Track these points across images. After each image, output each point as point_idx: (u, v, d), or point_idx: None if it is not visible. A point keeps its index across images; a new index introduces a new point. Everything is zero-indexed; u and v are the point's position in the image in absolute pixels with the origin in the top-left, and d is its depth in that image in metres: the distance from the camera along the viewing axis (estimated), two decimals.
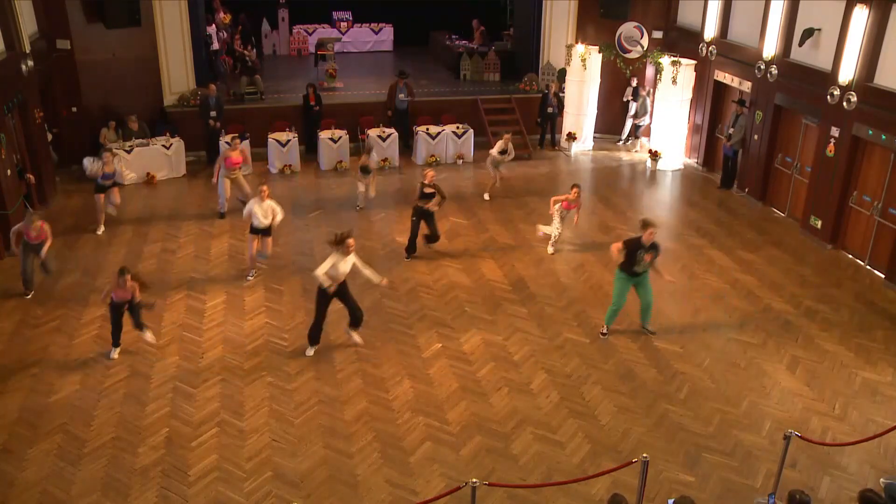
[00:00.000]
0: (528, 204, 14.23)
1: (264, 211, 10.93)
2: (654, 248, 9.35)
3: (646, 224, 9.28)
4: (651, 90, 17.34)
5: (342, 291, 9.17)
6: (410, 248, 11.99)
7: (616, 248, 9.47)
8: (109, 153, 12.78)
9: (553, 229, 12.12)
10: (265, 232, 11.17)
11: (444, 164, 16.38)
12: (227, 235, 12.66)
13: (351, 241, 8.93)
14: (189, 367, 9.07)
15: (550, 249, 12.24)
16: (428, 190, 11.58)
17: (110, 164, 12.48)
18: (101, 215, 12.72)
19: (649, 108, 17.20)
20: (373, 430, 8.02)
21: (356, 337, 9.54)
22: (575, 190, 11.79)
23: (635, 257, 9.32)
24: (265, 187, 11.04)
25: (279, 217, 11.16)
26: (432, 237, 12.04)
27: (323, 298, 9.11)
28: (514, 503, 7.09)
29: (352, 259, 9.02)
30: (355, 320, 9.41)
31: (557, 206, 11.89)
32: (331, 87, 18.07)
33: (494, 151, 14.35)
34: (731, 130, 14.85)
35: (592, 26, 17.51)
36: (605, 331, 9.91)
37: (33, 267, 10.61)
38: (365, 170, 13.59)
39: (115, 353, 9.27)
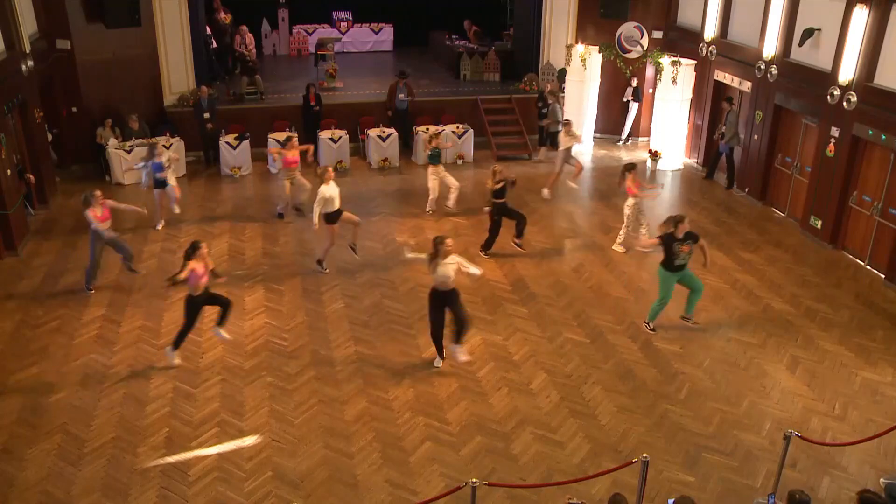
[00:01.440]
0: (529, 204, 14.22)
1: (333, 192, 10.82)
2: (689, 238, 9.51)
3: (677, 221, 9.51)
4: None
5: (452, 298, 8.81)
6: (487, 246, 12.08)
7: (650, 244, 9.82)
8: (158, 146, 12.82)
9: (624, 228, 12.31)
10: (339, 215, 11.03)
11: (445, 164, 16.33)
12: (227, 235, 12.66)
13: (448, 241, 8.66)
14: (189, 367, 9.07)
15: (620, 248, 12.32)
16: (499, 186, 11.65)
17: (162, 153, 12.61)
18: (159, 211, 12.89)
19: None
20: (373, 430, 8.02)
21: (460, 354, 9.00)
22: (630, 174, 11.96)
23: (672, 251, 9.49)
24: (330, 169, 11.02)
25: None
26: (520, 226, 12.11)
27: (435, 302, 8.79)
28: (514, 503, 7.09)
29: (452, 260, 8.69)
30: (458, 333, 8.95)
31: (631, 200, 12.04)
32: (331, 87, 18.07)
33: (566, 143, 14.23)
34: (723, 128, 14.95)
35: (592, 26, 17.50)
36: (651, 326, 9.99)
37: (100, 258, 10.64)
38: (435, 157, 13.19)
39: (177, 359, 9.02)
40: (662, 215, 14.04)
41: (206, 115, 15.38)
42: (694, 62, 16.07)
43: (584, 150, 17.50)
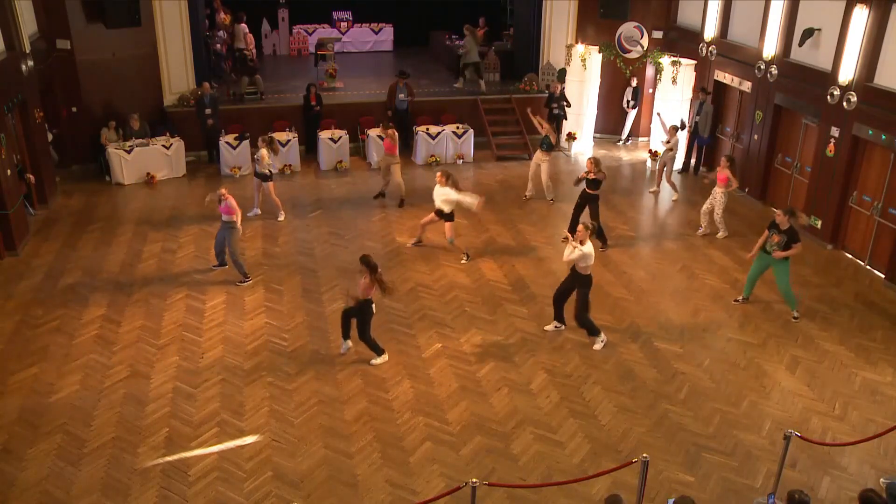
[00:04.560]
0: (529, 203, 14.23)
1: (438, 196, 11.62)
2: (781, 232, 9.89)
3: (792, 213, 10.01)
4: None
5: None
6: (572, 230, 12.34)
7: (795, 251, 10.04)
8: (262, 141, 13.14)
9: (719, 216, 12.74)
10: (443, 216, 11.68)
11: (445, 164, 16.38)
12: None
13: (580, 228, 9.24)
14: (189, 367, 9.07)
15: (723, 234, 12.88)
16: (592, 176, 11.96)
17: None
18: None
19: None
20: (373, 430, 8.02)
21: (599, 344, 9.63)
22: (723, 160, 12.48)
23: (769, 234, 10.05)
24: (440, 174, 11.60)
25: (454, 198, 11.49)
26: (598, 232, 12.28)
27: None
28: (514, 503, 7.09)
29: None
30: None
31: (723, 189, 12.50)
32: (331, 87, 18.07)
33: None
34: (697, 118, 15.11)
35: (592, 26, 17.51)
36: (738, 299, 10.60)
37: (222, 247, 11.19)
38: (548, 145, 13.83)
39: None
40: (661, 215, 14.10)
41: (209, 112, 15.40)
42: (694, 62, 16.07)
43: (585, 150, 17.52)
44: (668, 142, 14.36)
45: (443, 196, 11.55)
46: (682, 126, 14.25)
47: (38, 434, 7.88)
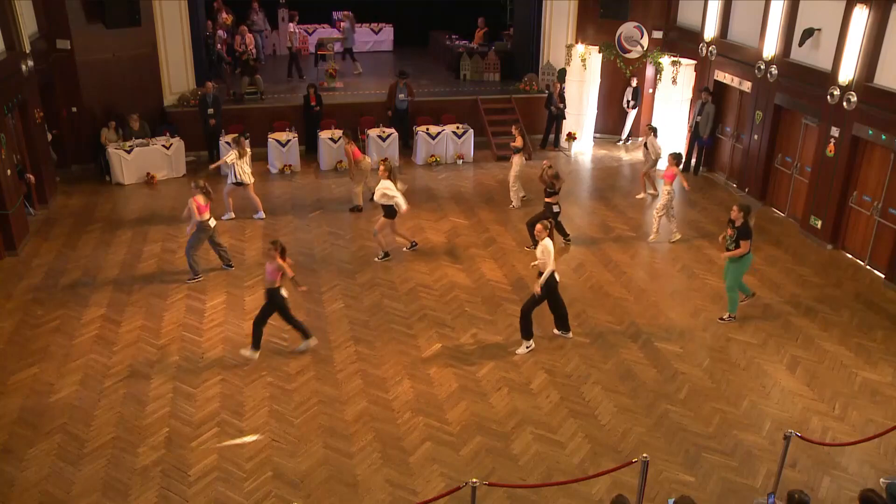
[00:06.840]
0: (529, 204, 14.22)
1: (378, 188, 11.47)
2: (735, 227, 9.84)
3: (747, 210, 9.92)
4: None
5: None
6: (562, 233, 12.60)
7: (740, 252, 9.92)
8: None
9: (657, 217, 12.62)
10: (384, 210, 11.64)
11: (445, 164, 16.38)
12: (227, 235, 12.65)
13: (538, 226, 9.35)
14: (189, 367, 9.07)
15: (654, 238, 12.67)
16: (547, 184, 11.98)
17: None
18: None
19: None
20: (373, 430, 8.02)
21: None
22: (669, 158, 12.50)
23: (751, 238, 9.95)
24: (382, 167, 11.56)
25: (390, 194, 11.40)
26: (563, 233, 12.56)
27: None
28: (514, 503, 7.09)
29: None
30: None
31: (668, 187, 12.35)
32: (331, 87, 18.07)
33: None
34: (698, 118, 15.10)
35: (592, 26, 17.51)
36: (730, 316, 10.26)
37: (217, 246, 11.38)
38: (518, 150, 13.80)
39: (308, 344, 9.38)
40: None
41: (211, 111, 15.39)
42: (694, 62, 16.07)
43: (585, 149, 17.53)
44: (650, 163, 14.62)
45: (382, 189, 11.41)
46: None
47: (38, 434, 7.89)
